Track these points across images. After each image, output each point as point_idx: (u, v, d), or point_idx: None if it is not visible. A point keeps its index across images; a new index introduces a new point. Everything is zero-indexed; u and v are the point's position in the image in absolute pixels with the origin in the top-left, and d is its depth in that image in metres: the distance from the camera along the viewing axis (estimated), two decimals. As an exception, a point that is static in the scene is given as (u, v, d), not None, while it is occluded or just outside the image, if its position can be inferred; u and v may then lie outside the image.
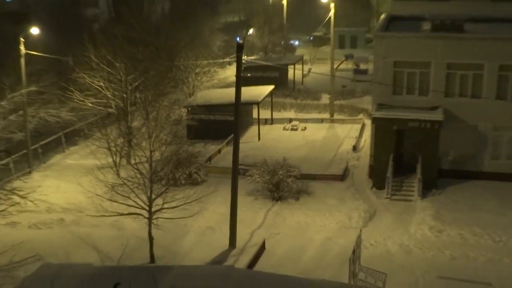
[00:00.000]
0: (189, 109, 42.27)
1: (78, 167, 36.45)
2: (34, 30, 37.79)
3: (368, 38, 78.91)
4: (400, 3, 42.88)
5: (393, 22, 37.23)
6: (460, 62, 32.08)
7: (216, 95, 44.34)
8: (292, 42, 78.94)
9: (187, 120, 41.31)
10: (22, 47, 34.45)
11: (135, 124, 35.01)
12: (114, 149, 33.83)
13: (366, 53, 67.77)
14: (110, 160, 33.74)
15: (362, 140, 40.78)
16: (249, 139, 41.58)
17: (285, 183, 31.22)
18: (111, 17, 74.93)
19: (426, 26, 35.05)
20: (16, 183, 31.99)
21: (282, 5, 74.60)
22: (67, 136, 41.33)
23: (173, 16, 62.35)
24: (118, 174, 30.85)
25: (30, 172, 36.07)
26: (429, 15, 35.84)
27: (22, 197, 28.64)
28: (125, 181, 24.48)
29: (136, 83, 36.15)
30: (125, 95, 35.83)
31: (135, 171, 24.14)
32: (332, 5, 46.29)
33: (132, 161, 32.13)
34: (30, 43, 36.82)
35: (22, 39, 34.64)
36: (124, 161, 34.17)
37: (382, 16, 39.37)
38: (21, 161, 36.10)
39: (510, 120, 32.27)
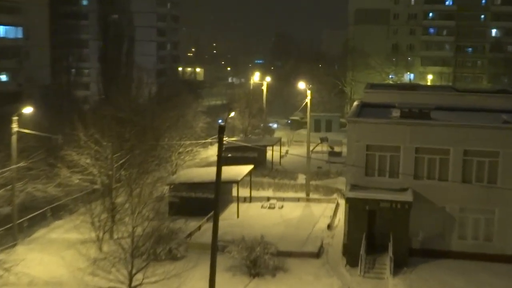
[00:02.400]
0: (172, 186, 41.93)
1: (62, 241, 35.57)
2: (27, 110, 37.79)
3: (342, 122, 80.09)
4: (371, 92, 43.82)
5: (365, 108, 37.86)
6: (428, 147, 32.47)
7: (197, 174, 44.15)
8: (270, 125, 79.76)
9: (169, 197, 40.88)
10: (14, 125, 34.31)
11: (119, 200, 34.55)
12: (97, 224, 33.20)
13: (340, 136, 68.51)
14: (93, 234, 33.02)
15: (337, 219, 40.54)
16: (229, 217, 41.11)
17: (262, 259, 30.67)
18: (101, 99, 75.50)
19: (396, 113, 35.66)
20: (1, 256, 31.02)
21: (262, 90, 75.89)
22: (52, 211, 40.55)
23: (159, 98, 63.02)
24: (100, 249, 30.17)
25: (15, 245, 35.12)
26: (399, 103, 36.55)
27: (5, 269, 27.71)
28: (107, 255, 23.88)
29: (122, 161, 35.94)
30: (110, 172, 35.54)
31: (118, 245, 23.59)
32: (308, 92, 47.11)
33: (115, 236, 31.49)
34: (23, 121, 36.72)
35: (15, 117, 34.54)
36: (107, 236, 33.45)
37: (355, 103, 40.11)
38: (7, 234, 35.19)
39: (475, 202, 32.43)
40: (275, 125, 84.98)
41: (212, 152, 59.28)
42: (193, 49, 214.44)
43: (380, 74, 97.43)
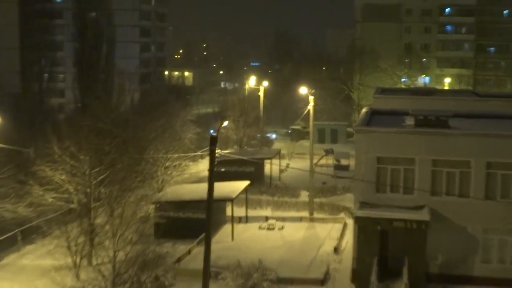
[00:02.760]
0: (158, 205, 41.83)
1: (34, 268, 35.42)
2: (-6, 120, 37.77)
3: (349, 132, 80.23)
4: (382, 98, 43.93)
5: (375, 116, 37.93)
6: (446, 159, 32.48)
7: (187, 191, 44.12)
8: (269, 135, 79.77)
9: (155, 217, 40.78)
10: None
11: (99, 221, 34.46)
12: (74, 248, 33.11)
13: (347, 148, 68.59)
14: (69, 260, 32.90)
15: (344, 241, 40.48)
16: (222, 239, 41.02)
17: (261, 287, 30.56)
18: (77, 107, 75.55)
19: (410, 121, 35.73)
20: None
21: (259, 96, 76.04)
22: (23, 234, 40.41)
23: (143, 107, 63.04)
24: (77, 276, 30.08)
25: (-20, 274, 34.92)
26: (413, 110, 36.61)
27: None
28: (85, 283, 23.79)
29: (101, 177, 35.90)
30: (88, 190, 35.49)
31: (97, 272, 23.52)
32: (311, 98, 47.19)
33: (94, 262, 31.38)
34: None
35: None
36: (84, 262, 33.34)
37: (364, 110, 40.13)
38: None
39: (501, 222, 32.36)
40: (273, 136, 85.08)
41: (203, 167, 59.26)
42: (181, 51, 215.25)
43: (391, 78, 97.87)
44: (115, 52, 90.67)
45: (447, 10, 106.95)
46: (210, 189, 25.32)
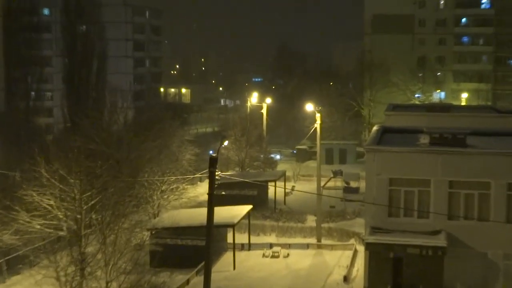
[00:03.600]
0: (153, 232, 41.84)
1: (20, 301, 35.36)
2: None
3: (359, 152, 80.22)
4: (394, 115, 44.07)
5: (387, 134, 38.04)
6: (464, 180, 32.49)
7: (185, 216, 44.14)
8: (272, 156, 79.97)
9: (150, 245, 40.78)
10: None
11: (90, 249, 34.40)
12: (63, 279, 33.04)
13: (357, 169, 68.57)
14: (58, 292, 32.79)
15: (355, 269, 40.39)
16: (223, 268, 40.95)
17: (265, 320, 30.48)
18: (67, 127, 75.76)
19: (424, 139, 35.83)
20: None
21: (262, 114, 76.22)
22: (9, 264, 40.37)
23: (137, 126, 63.21)
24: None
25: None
26: (427, 127, 36.71)
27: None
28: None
29: (93, 202, 35.92)
30: (79, 216, 35.47)
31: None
32: (318, 115, 47.33)
33: (85, 294, 31.33)
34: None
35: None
36: (75, 294, 33.22)
37: (375, 128, 40.27)
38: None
39: (523, 247, 32.32)
40: (278, 157, 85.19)
41: (202, 190, 59.29)
42: (177, 66, 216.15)
43: (404, 93, 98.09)
44: (107, 68, 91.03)
45: (463, 20, 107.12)
46: (210, 214, 25.36)
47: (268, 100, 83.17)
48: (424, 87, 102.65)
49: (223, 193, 51.66)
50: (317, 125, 47.14)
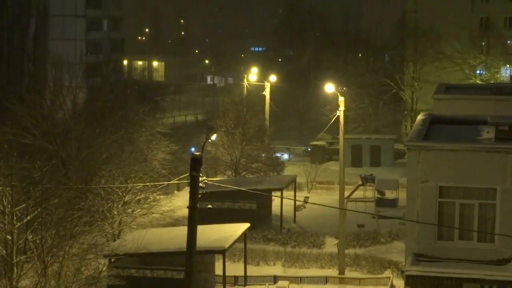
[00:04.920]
0: (113, 260, 41.82)
1: None
2: None
3: (398, 150, 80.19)
4: (446, 99, 44.00)
5: (436, 126, 37.96)
6: (543, 190, 32.52)
7: (156, 238, 44.14)
8: (278, 155, 79.89)
9: (108, 277, 40.80)
10: None
11: (25, 283, 34.47)
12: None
13: (395, 173, 68.61)
14: None
15: (391, 312, 40.53)
16: (209, 310, 41.07)
17: None
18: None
19: (489, 133, 35.81)
20: None
21: (264, 97, 76.19)
22: None
23: (90, 113, 63.14)
24: None
25: None
26: (493, 116, 36.64)
27: None
28: None
29: (29, 218, 35.98)
30: (9, 237, 35.53)
31: None
32: (341, 99, 47.27)
33: None
34: None
35: None
36: None
37: (420, 117, 40.20)
38: None
39: None
40: (285, 156, 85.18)
41: (180, 202, 59.31)
42: (146, 30, 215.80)
43: (460, 69, 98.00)
44: (48, 31, 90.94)
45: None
46: (191, 235, 25.36)
47: (273, 78, 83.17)
48: (489, 60, 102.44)
49: (210, 206, 51.57)
50: (340, 112, 47.10)
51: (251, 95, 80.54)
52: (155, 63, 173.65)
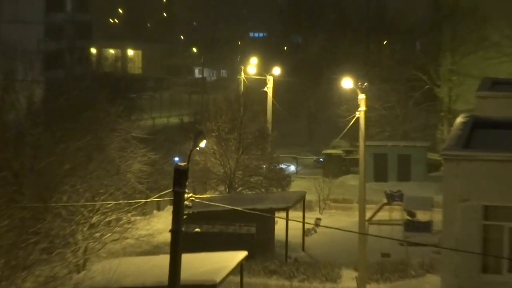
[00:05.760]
0: (78, 297, 41.77)
1: None
2: None
3: (432, 161, 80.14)
4: (492, 97, 43.95)
5: (479, 131, 37.94)
6: None
7: (131, 270, 44.06)
8: (283, 167, 79.89)
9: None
10: None
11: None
12: None
13: (428, 190, 68.60)
14: None
15: None
16: None
17: None
18: None
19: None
20: None
21: (265, 94, 76.07)
22: None
23: (50, 114, 63.15)
24: None
25: None
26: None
27: None
28: None
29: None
30: None
31: None
32: (361, 97, 47.20)
33: None
34: None
35: None
36: None
37: (459, 120, 40.15)
38: None
39: None
40: (292, 168, 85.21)
41: (161, 225, 59.27)
42: (120, 11, 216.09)
43: (510, 60, 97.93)
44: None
45: None
46: (175, 266, 25.21)
47: (276, 71, 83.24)
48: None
49: (198, 230, 51.54)
50: (361, 113, 47.08)
51: (250, 92, 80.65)
52: (130, 52, 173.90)
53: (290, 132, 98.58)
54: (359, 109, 47.25)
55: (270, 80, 76.76)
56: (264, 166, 71.97)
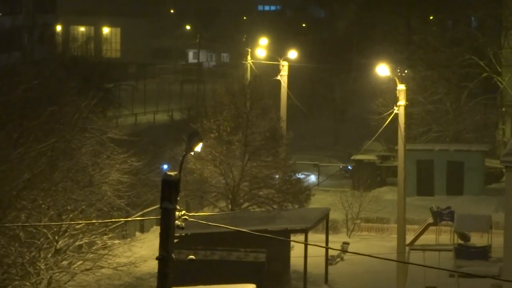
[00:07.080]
0: None
1: None
2: None
3: (492, 170, 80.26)
4: None
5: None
6: None
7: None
8: (301, 176, 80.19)
9: None
10: None
11: None
12: None
13: (486, 206, 68.74)
14: None
15: None
16: None
17: None
18: None
19: None
20: None
21: (278, 84, 76.21)
22: None
23: (4, 108, 63.57)
24: None
25: None
26: None
27: None
28: None
29: None
30: None
31: None
32: (400, 87, 47.49)
33: None
34: None
35: None
36: None
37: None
38: None
39: None
40: (312, 178, 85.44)
41: (145, 250, 59.69)
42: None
43: None
44: None
45: None
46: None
47: (293, 54, 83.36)
48: None
49: (193, 257, 51.89)
50: (400, 109, 47.38)
51: (259, 81, 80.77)
52: (106, 30, 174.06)
53: (311, 133, 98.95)
54: (398, 103, 47.57)
55: (284, 66, 76.96)
56: (277, 176, 72.20)
